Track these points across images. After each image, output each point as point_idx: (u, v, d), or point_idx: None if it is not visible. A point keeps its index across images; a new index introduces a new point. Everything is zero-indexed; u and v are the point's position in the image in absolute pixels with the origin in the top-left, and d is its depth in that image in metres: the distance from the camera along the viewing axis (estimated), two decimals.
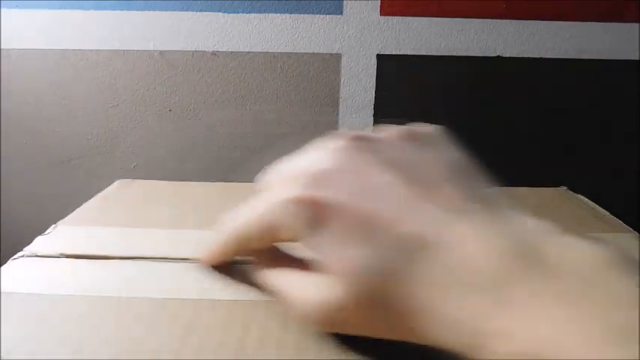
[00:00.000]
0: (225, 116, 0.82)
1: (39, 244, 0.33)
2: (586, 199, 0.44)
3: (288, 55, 0.79)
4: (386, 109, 0.81)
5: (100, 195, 0.45)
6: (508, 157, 0.82)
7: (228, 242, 0.24)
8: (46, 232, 0.35)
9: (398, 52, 0.79)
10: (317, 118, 0.82)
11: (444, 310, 0.15)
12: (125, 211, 0.41)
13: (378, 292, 0.16)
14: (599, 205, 0.41)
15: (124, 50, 0.79)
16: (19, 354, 0.21)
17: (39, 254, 0.31)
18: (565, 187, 0.47)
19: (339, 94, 0.81)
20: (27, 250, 0.32)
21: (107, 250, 0.31)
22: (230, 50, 0.79)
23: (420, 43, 0.78)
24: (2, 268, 0.29)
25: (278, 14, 0.77)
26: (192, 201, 0.44)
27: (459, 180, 0.18)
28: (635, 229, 0.35)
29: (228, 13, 0.77)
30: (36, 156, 0.84)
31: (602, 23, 0.77)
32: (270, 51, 0.79)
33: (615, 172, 0.82)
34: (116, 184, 0.49)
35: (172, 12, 0.77)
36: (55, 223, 0.37)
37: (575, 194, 0.46)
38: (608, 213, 0.40)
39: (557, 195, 0.46)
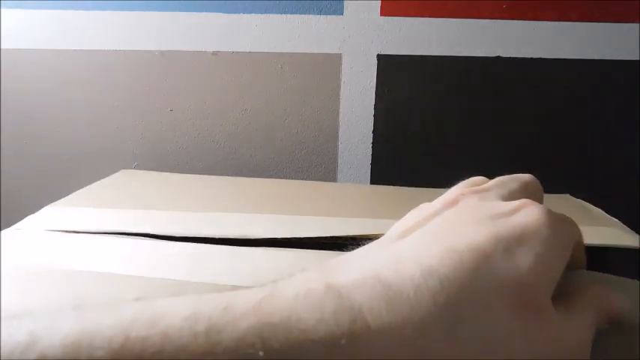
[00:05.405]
0: (226, 116, 0.82)
1: (28, 221, 0.34)
2: (589, 204, 0.44)
3: (288, 55, 0.79)
4: (386, 109, 0.81)
5: (100, 182, 0.47)
6: (507, 157, 0.82)
7: None
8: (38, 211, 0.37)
9: (398, 52, 0.79)
10: (317, 119, 0.82)
11: None
12: (119, 196, 0.42)
13: None
14: (602, 205, 0.42)
15: (124, 50, 0.79)
16: None
17: (23, 228, 0.32)
18: (568, 194, 0.48)
19: (339, 94, 0.81)
20: (15, 225, 0.33)
21: (89, 227, 0.32)
22: (230, 50, 0.79)
23: (420, 43, 0.78)
24: None
25: (278, 14, 0.77)
26: (190, 190, 0.45)
27: None
28: (635, 229, 0.35)
29: (228, 13, 0.77)
30: (36, 156, 0.84)
31: (602, 23, 0.77)
32: (270, 51, 0.79)
33: (615, 172, 0.82)
34: (119, 173, 0.50)
35: (172, 12, 0.77)
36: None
37: (578, 200, 0.46)
38: (607, 215, 0.40)
39: (562, 201, 0.46)
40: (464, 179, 0.23)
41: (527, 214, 0.18)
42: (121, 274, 0.27)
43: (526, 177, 0.22)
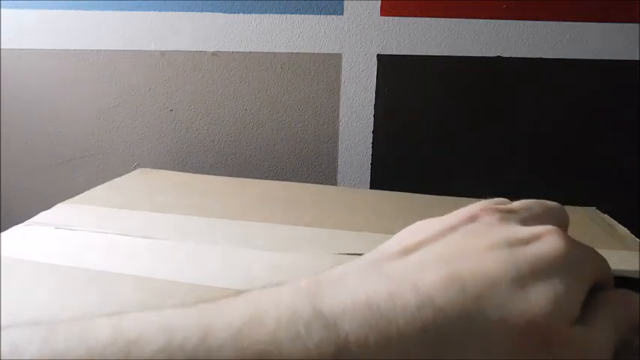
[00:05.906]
0: (226, 116, 0.82)
1: (40, 218, 0.35)
2: (614, 221, 0.43)
3: (288, 55, 0.79)
4: (386, 109, 0.81)
5: (116, 180, 0.48)
6: (507, 156, 0.82)
7: None
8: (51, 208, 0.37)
9: (398, 52, 0.79)
10: (317, 119, 0.82)
11: None
12: (129, 195, 0.42)
13: None
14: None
15: (124, 50, 0.79)
16: None
17: (34, 224, 0.33)
18: (594, 208, 0.47)
19: (339, 94, 0.81)
20: (28, 221, 0.34)
21: (99, 226, 0.33)
22: (230, 50, 0.79)
23: (420, 43, 0.78)
24: (2, 233, 0.31)
25: (278, 14, 0.77)
26: (205, 192, 0.45)
27: None
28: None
29: (228, 13, 0.77)
30: (37, 156, 0.84)
31: (602, 23, 0.77)
32: (270, 51, 0.79)
33: (615, 172, 0.82)
34: (136, 171, 0.51)
35: (173, 12, 0.77)
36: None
37: (604, 215, 0.45)
38: (631, 235, 0.39)
39: (586, 216, 0.45)
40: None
41: (547, 242, 0.16)
42: (117, 272, 0.27)
43: (552, 204, 0.21)
